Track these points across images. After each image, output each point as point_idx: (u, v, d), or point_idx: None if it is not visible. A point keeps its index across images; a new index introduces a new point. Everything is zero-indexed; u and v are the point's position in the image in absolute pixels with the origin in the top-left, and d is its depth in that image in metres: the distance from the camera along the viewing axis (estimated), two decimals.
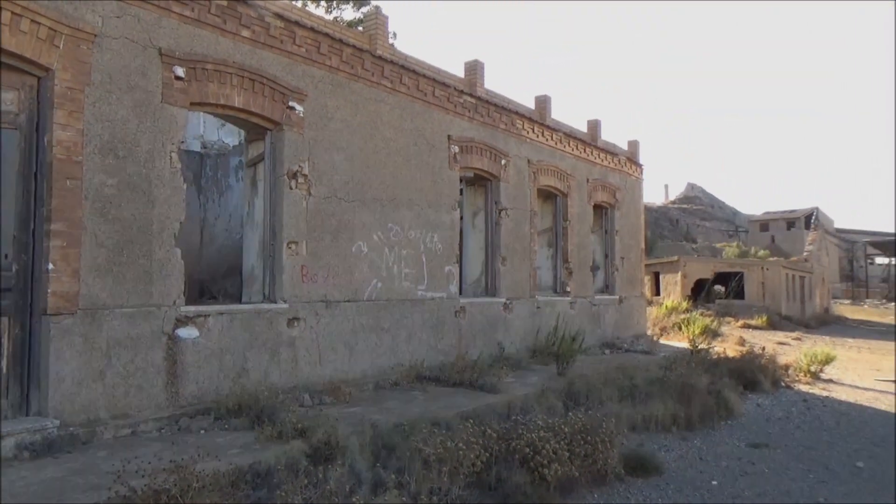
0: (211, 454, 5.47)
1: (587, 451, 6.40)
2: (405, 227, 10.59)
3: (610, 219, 17.84)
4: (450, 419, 7.15)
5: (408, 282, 10.53)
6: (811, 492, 6.60)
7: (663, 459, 7.39)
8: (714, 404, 9.76)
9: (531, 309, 13.67)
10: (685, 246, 57.36)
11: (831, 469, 7.46)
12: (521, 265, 13.49)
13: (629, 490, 6.41)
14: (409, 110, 10.89)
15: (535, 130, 14.36)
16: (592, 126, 17.34)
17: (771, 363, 13.60)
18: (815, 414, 10.57)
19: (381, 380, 9.62)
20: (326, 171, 9.28)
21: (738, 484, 6.78)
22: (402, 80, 10.74)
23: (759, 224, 69.16)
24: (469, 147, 12.22)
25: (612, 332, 16.93)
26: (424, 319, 10.77)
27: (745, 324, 27.02)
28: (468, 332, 11.76)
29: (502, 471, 5.93)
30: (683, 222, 72.27)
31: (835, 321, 37.21)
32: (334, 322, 9.17)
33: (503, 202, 13.09)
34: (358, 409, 7.94)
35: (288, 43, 8.85)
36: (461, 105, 12.09)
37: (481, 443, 5.95)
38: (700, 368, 11.77)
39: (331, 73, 9.50)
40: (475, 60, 12.92)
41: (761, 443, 8.49)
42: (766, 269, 33.33)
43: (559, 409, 8.26)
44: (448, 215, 11.54)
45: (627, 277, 18.33)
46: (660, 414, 8.95)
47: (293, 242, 8.70)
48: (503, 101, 13.53)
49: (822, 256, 46.01)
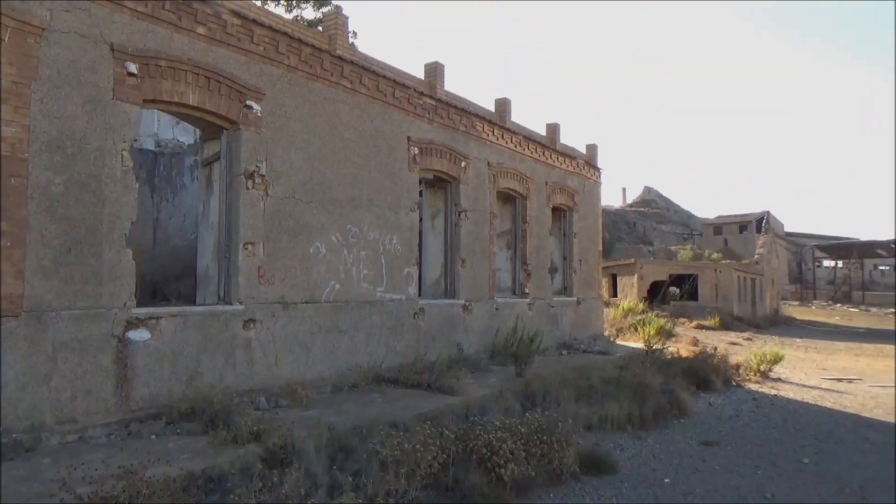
0: (162, 459, 5.35)
1: (543, 450, 6.48)
2: (364, 228, 10.54)
3: (568, 221, 18.06)
4: (408, 421, 7.15)
5: (366, 283, 10.48)
6: (759, 487, 6.79)
7: (618, 458, 7.51)
8: (668, 403, 9.98)
9: (490, 310, 13.75)
10: (642, 248, 58.46)
11: (778, 465, 7.69)
12: (481, 267, 13.55)
13: (584, 489, 6.50)
14: (369, 111, 10.85)
15: (495, 133, 14.45)
16: (551, 129, 17.55)
17: (723, 363, 13.95)
18: (764, 412, 10.88)
19: (339, 382, 9.55)
20: (284, 171, 9.17)
21: (690, 481, 6.94)
22: (361, 80, 10.70)
23: (712, 227, 70.89)
24: (429, 149, 12.23)
25: (569, 332, 17.14)
26: (383, 321, 10.73)
27: (698, 324, 27.69)
28: (427, 334, 11.76)
29: (459, 471, 5.95)
30: (640, 225, 73.64)
31: (784, 322, 38.38)
32: (291, 324, 9.07)
33: (463, 204, 13.14)
34: (315, 411, 7.87)
35: (245, 41, 8.72)
36: (421, 107, 12.09)
37: (439, 444, 5.96)
38: (655, 368, 12.02)
39: (289, 72, 9.40)
40: (435, 62, 12.96)
41: (712, 440, 8.71)
42: (719, 271, 34.20)
43: (517, 410, 8.33)
44: (407, 217, 11.53)
45: (585, 279, 18.59)
46: (615, 413, 9.10)
47: (250, 243, 8.58)
48: (463, 103, 13.59)
49: (773, 259, 47.40)
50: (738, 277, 34.56)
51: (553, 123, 17.59)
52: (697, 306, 32.04)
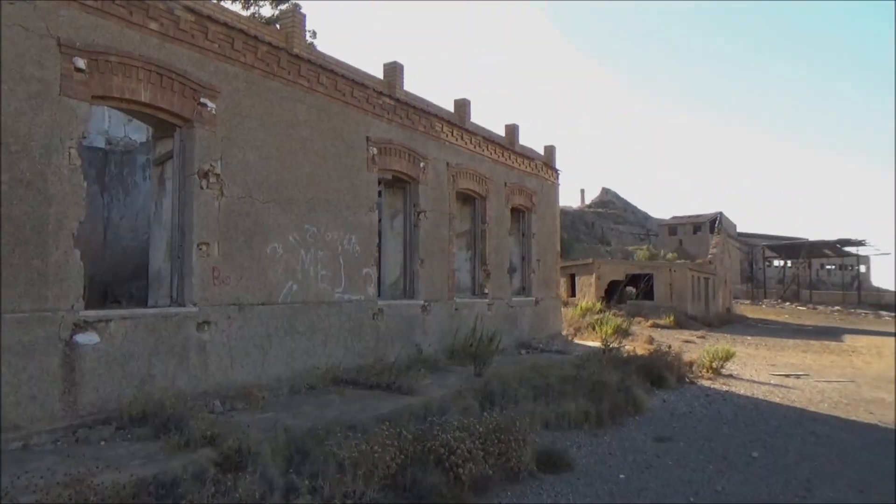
0: (111, 466, 5.22)
1: (501, 449, 6.52)
2: (322, 228, 10.45)
3: (527, 222, 18.22)
4: (366, 422, 7.11)
5: (325, 284, 10.39)
6: (710, 481, 6.96)
7: (575, 455, 7.61)
8: (623, 401, 10.14)
9: (449, 310, 13.77)
10: (600, 249, 59.37)
11: (729, 459, 7.89)
12: (440, 267, 13.57)
13: (541, 486, 6.56)
14: (327, 110, 10.76)
15: (455, 134, 14.49)
16: (510, 131, 17.67)
17: (677, 361, 14.25)
18: (716, 408, 11.16)
19: (297, 383, 9.45)
20: (240, 170, 9.03)
21: (644, 476, 7.07)
22: (319, 79, 10.60)
23: (668, 228, 72.41)
24: (388, 149, 12.19)
25: (528, 332, 17.29)
26: (342, 322, 10.65)
27: (654, 323, 28.23)
28: (386, 335, 11.72)
29: (417, 472, 5.95)
30: (598, 226, 74.74)
31: (736, 320, 39.41)
32: (247, 325, 8.92)
33: (422, 204, 13.13)
34: (272, 414, 7.77)
35: (199, 38, 8.56)
36: (380, 106, 12.05)
37: (397, 445, 5.96)
38: (611, 367, 12.23)
39: (245, 70, 9.26)
40: (394, 62, 12.91)
41: (666, 437, 8.89)
42: (674, 271, 34.94)
43: (475, 410, 8.35)
44: (366, 217, 11.47)
45: (544, 279, 18.77)
46: (572, 411, 9.20)
47: (204, 244, 8.42)
48: (423, 103, 13.58)
49: (725, 259, 48.64)
50: (692, 277, 35.35)
51: (512, 125, 17.72)
52: (653, 305, 32.67)
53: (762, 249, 68.98)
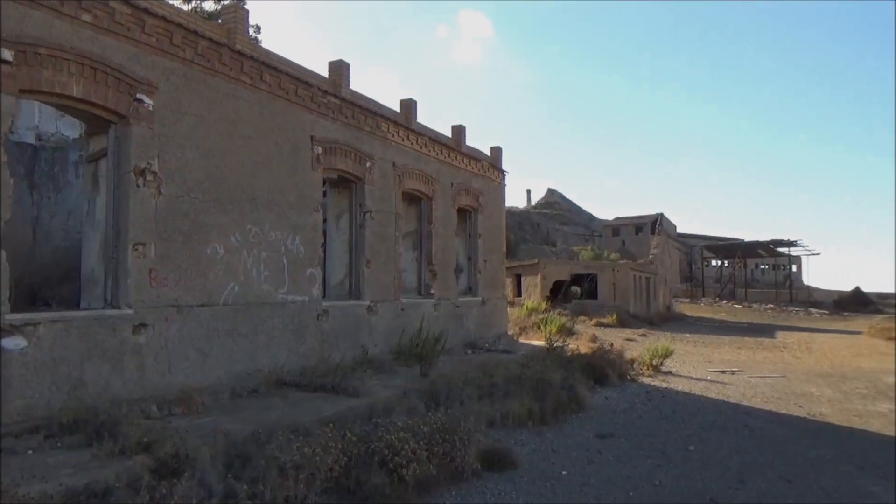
0: (38, 476, 5.00)
1: (446, 449, 6.55)
2: (265, 228, 10.26)
3: (473, 223, 18.33)
4: (310, 425, 7.02)
5: (267, 285, 10.20)
6: (649, 476, 7.15)
7: (519, 453, 7.69)
8: (567, 399, 10.32)
9: (396, 311, 13.73)
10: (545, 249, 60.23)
11: (667, 454, 8.12)
12: (386, 268, 13.52)
13: (486, 485, 6.61)
14: (271, 108, 10.57)
15: (401, 134, 14.45)
16: (457, 131, 17.75)
17: (618, 358, 14.58)
18: (655, 404, 11.47)
19: (239, 387, 9.25)
20: (179, 168, 8.79)
21: (586, 472, 7.21)
22: (262, 76, 10.41)
23: (611, 229, 74.01)
24: (333, 148, 12.06)
25: (474, 332, 17.39)
26: (285, 323, 10.49)
27: (597, 322, 28.81)
28: (331, 336, 11.60)
29: (361, 474, 5.91)
30: (544, 226, 75.78)
31: (676, 318, 40.62)
32: (186, 328, 8.69)
33: (368, 205, 13.05)
34: (211, 418, 7.58)
35: (136, 31, 8.29)
36: (325, 105, 11.91)
37: (340, 447, 5.90)
38: (555, 365, 12.41)
39: (185, 65, 9.01)
40: (340, 60, 12.80)
41: (607, 433, 9.08)
42: (617, 270, 35.75)
43: (421, 410, 8.35)
44: (311, 217, 11.32)
45: (490, 279, 18.92)
46: (517, 410, 9.31)
47: (140, 244, 8.15)
48: (369, 103, 13.50)
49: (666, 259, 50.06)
50: (634, 277, 36.25)
51: (458, 126, 17.80)
52: (597, 304, 33.35)
53: (700, 250, 71.27)
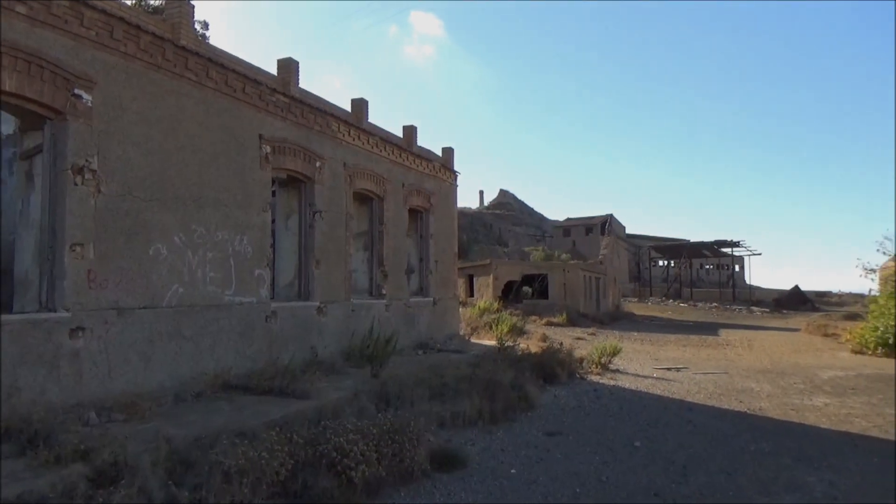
0: None
1: (395, 450, 6.53)
2: (211, 228, 10.03)
3: (425, 223, 18.34)
4: (257, 428, 6.90)
5: (213, 286, 9.98)
6: (596, 472, 7.27)
7: (469, 453, 7.72)
8: (516, 398, 10.41)
9: (346, 312, 13.62)
10: (498, 249, 60.68)
11: (614, 450, 8.27)
12: (336, 268, 13.39)
13: (435, 485, 6.61)
14: (217, 106, 10.36)
15: (352, 134, 14.35)
16: (409, 132, 17.72)
17: (568, 357, 14.79)
18: (603, 402, 11.67)
19: (183, 391, 9.01)
20: (120, 166, 8.51)
21: (535, 470, 7.28)
22: (208, 73, 10.18)
23: (562, 229, 75.17)
24: (282, 147, 11.89)
25: (426, 332, 17.39)
26: (232, 325, 10.28)
27: (548, 321, 29.19)
28: (280, 338, 11.42)
29: (309, 477, 5.84)
30: (496, 227, 76.38)
31: (624, 317, 41.45)
32: (128, 331, 8.42)
33: (318, 205, 12.90)
34: (154, 424, 7.36)
35: (74, 24, 8.00)
36: (274, 104, 11.73)
37: (287, 450, 5.82)
38: (506, 365, 12.51)
39: (126, 60, 8.75)
40: (289, 58, 12.62)
41: (556, 431, 9.20)
42: (567, 271, 36.27)
43: (371, 412, 8.30)
44: (259, 217, 11.13)
45: (441, 280, 18.95)
46: (467, 410, 9.34)
47: (78, 244, 7.86)
48: (319, 102, 13.36)
49: (615, 259, 51.09)
50: (584, 277, 36.85)
51: (410, 126, 17.78)
52: (548, 304, 33.79)
53: (648, 250, 72.96)
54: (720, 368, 17.28)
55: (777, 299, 62.73)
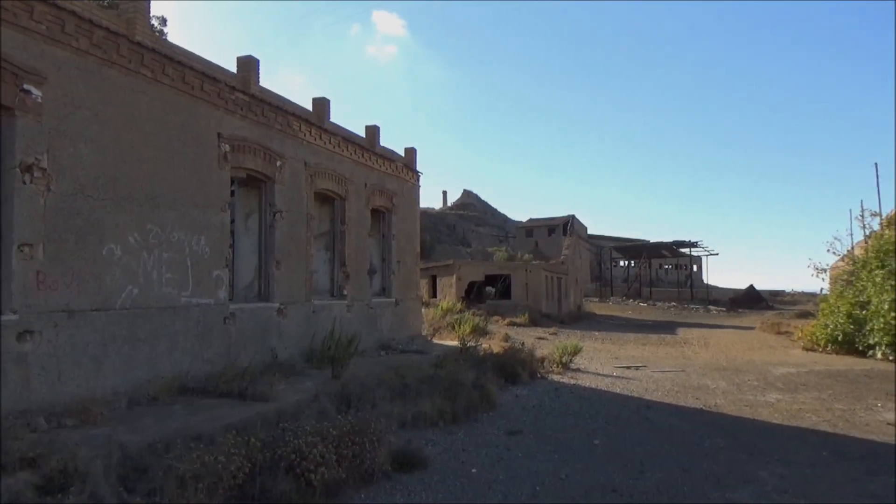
0: None
1: (355, 452, 6.48)
2: (167, 228, 9.83)
3: (387, 223, 18.28)
4: (213, 432, 6.77)
5: (170, 287, 9.77)
6: (555, 470, 7.34)
7: (430, 453, 7.71)
8: (478, 398, 10.45)
9: (307, 313, 13.49)
10: (461, 250, 60.87)
11: (573, 448, 8.37)
12: (297, 269, 13.25)
13: (395, 486, 6.59)
14: (174, 103, 10.15)
15: (313, 133, 14.21)
16: (371, 132, 17.63)
17: (529, 357, 14.92)
18: (564, 400, 11.80)
19: (137, 395, 8.81)
20: (71, 164, 8.28)
21: (495, 469, 7.32)
22: (165, 70, 9.98)
23: (525, 230, 75.71)
24: (242, 146, 11.72)
25: (388, 333, 17.33)
26: (189, 327, 10.08)
27: (510, 321, 29.38)
28: (239, 340, 11.25)
29: (267, 480, 5.76)
30: (460, 227, 76.58)
31: (586, 317, 42.00)
32: (79, 334, 8.19)
33: (278, 204, 12.75)
34: (107, 429, 7.18)
35: (23, 17, 7.74)
36: (233, 102, 11.55)
37: (244, 453, 5.72)
38: (468, 365, 12.55)
39: (78, 56, 8.51)
40: (249, 56, 12.44)
41: (517, 430, 9.26)
42: (530, 271, 36.58)
43: (331, 413, 8.22)
44: (217, 217, 10.94)
45: (404, 280, 18.91)
46: (428, 410, 9.34)
47: (26, 245, 7.61)
48: (279, 100, 13.20)
49: (576, 260, 51.66)
50: (546, 277, 37.20)
51: (372, 126, 17.70)
52: (510, 304, 34.00)
53: (609, 251, 74.05)
54: (678, 366, 17.62)
55: (733, 298, 64.30)
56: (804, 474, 7.27)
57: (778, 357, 20.50)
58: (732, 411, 11.04)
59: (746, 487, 6.79)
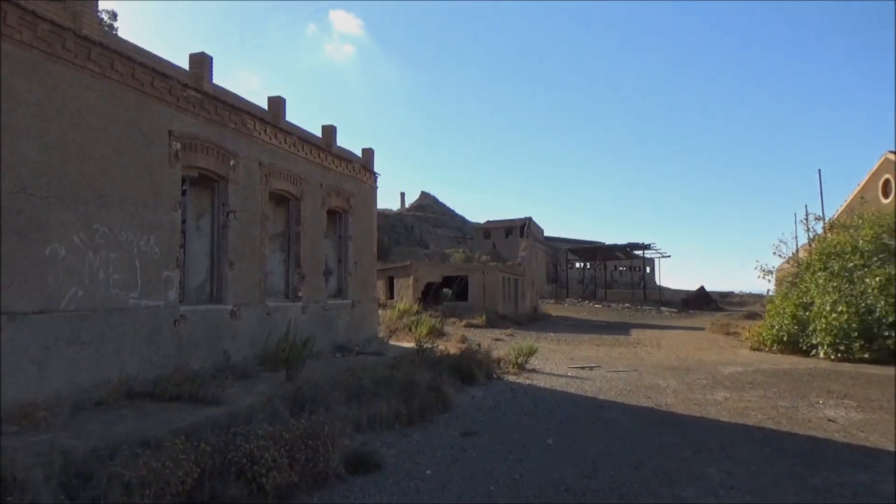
0: None
1: (309, 455, 6.41)
2: (115, 228, 9.56)
3: (344, 224, 18.15)
4: (162, 437, 6.60)
5: (117, 289, 9.51)
6: (510, 470, 7.38)
7: (385, 455, 7.67)
8: (434, 399, 10.44)
9: (261, 315, 13.29)
10: (418, 251, 60.82)
11: (528, 448, 8.43)
12: (251, 270, 13.04)
13: (349, 489, 6.53)
14: (123, 100, 9.89)
15: (268, 132, 14.03)
16: (328, 132, 17.49)
17: (486, 358, 14.99)
18: (519, 401, 11.88)
19: (82, 400, 8.55)
20: (13, 162, 7.99)
21: (450, 470, 7.32)
22: (113, 65, 9.72)
23: (482, 231, 76.11)
24: (194, 145, 11.49)
25: (344, 335, 17.21)
26: (137, 330, 9.82)
27: (467, 323, 29.49)
28: (190, 342, 11.01)
29: (217, 486, 5.65)
30: (417, 229, 76.54)
31: (542, 318, 42.45)
32: (19, 337, 7.89)
33: (232, 204, 12.54)
34: (49, 435, 6.95)
35: None
36: (185, 99, 11.31)
37: (193, 458, 5.60)
38: (424, 367, 12.53)
39: (21, 49, 8.22)
40: (202, 53, 12.21)
41: (472, 431, 9.29)
42: (487, 273, 36.78)
43: (284, 416, 8.11)
44: (168, 216, 10.69)
45: (360, 282, 18.80)
46: (384, 412, 9.29)
47: None
48: (234, 98, 12.99)
49: (533, 261, 52.16)
50: (503, 278, 37.47)
51: (329, 126, 17.56)
52: (467, 306, 34.14)
53: (565, 253, 75.03)
54: (631, 366, 17.94)
55: (684, 300, 65.90)
56: (749, 470, 7.48)
57: (726, 357, 21.06)
58: (682, 410, 11.29)
59: (694, 484, 6.95)
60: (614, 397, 12.56)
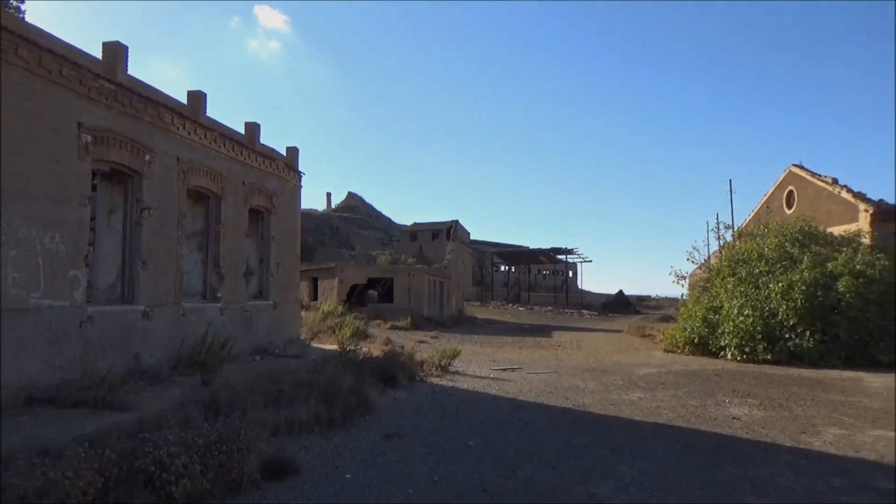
0: None
1: (222, 461, 6.21)
2: (16, 224, 8.99)
3: (266, 224, 17.74)
4: (63, 445, 6.26)
5: (17, 288, 8.94)
6: (430, 472, 7.40)
7: (303, 460, 7.54)
8: (356, 402, 10.34)
9: (176, 316, 12.80)
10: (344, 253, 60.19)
11: (448, 450, 8.48)
12: (166, 269, 12.55)
13: (265, 495, 6.38)
14: (28, 88, 9.33)
15: (187, 127, 13.55)
16: (251, 129, 17.07)
17: (409, 360, 14.99)
18: (441, 403, 11.94)
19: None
20: None
21: (370, 473, 7.27)
22: (18, 51, 9.15)
23: (409, 234, 76.12)
24: (105, 138, 10.96)
25: (265, 337, 16.81)
26: (38, 332, 9.27)
27: (392, 325, 29.42)
28: (98, 345, 10.48)
29: (123, 495, 5.40)
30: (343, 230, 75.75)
31: (467, 321, 42.79)
32: None
33: (146, 201, 12.03)
34: None
35: None
36: (97, 90, 10.78)
37: (96, 467, 5.33)
38: (347, 369, 12.41)
39: None
40: (116, 42, 11.68)
41: (394, 433, 9.26)
42: (412, 275, 36.80)
43: (198, 422, 7.84)
44: (75, 212, 10.15)
45: (283, 283, 18.42)
46: (303, 416, 9.13)
47: None
48: (150, 91, 12.48)
49: (459, 264, 52.57)
50: (428, 281, 37.57)
51: (252, 123, 17.13)
52: (392, 308, 34.04)
53: (490, 256, 75.99)
54: (551, 368, 18.34)
55: (604, 303, 67.95)
56: (659, 467, 7.78)
57: (642, 358, 21.84)
58: (599, 410, 11.64)
59: (608, 481, 7.18)
60: (534, 398, 12.80)
